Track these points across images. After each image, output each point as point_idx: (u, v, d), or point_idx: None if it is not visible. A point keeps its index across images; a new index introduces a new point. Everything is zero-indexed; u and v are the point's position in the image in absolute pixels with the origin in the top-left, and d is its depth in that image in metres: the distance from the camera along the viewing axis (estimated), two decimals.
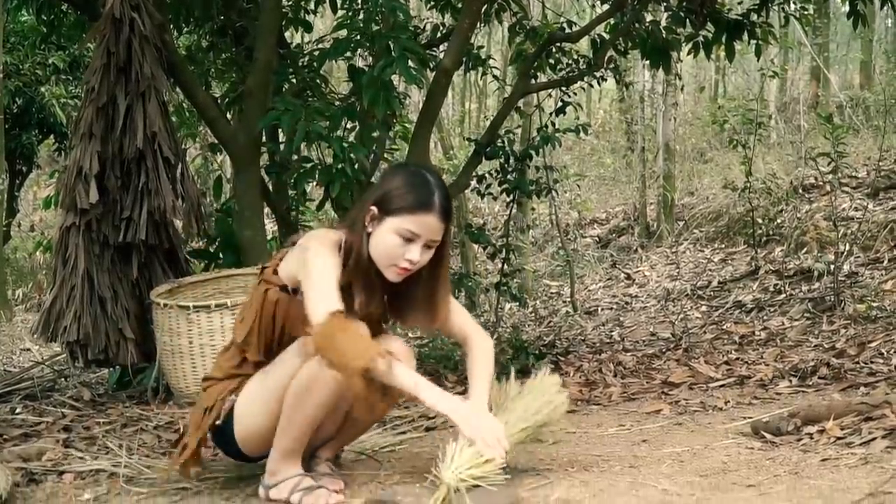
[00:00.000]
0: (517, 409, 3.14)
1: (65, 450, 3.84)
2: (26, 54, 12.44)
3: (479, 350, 3.15)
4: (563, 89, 7.42)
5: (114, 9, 5.32)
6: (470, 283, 7.73)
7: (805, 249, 9.53)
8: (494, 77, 8.14)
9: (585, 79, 7.31)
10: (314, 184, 5.94)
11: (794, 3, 7.35)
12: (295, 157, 5.90)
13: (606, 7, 7.15)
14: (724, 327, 7.41)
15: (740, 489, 2.82)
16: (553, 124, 7.24)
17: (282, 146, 6.26)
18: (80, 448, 3.90)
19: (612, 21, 7.27)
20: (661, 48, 6.99)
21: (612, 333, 8.33)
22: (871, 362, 5.13)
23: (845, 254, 8.53)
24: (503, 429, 2.84)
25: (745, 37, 6.83)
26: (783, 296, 8.23)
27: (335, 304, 2.68)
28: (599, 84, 7.75)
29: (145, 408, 4.91)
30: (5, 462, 3.46)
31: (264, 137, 6.24)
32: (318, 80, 6.59)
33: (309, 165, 5.79)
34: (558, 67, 7.37)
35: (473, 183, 7.11)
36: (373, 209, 2.88)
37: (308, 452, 3.06)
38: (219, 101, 6.56)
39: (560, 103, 7.35)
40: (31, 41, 11.46)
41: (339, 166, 5.43)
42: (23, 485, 3.30)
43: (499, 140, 6.94)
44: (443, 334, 4.65)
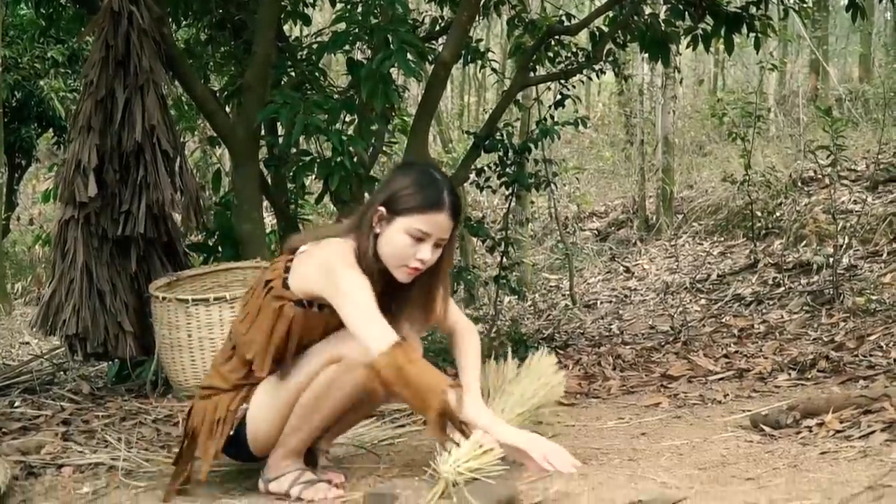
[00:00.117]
0: (515, 392, 3.15)
1: (64, 443, 3.84)
2: (25, 48, 12.42)
3: (468, 342, 3.16)
4: (562, 82, 7.41)
5: (112, 2, 5.31)
6: (469, 277, 7.73)
7: (804, 242, 9.52)
8: (493, 70, 8.12)
9: (584, 72, 7.31)
10: (313, 177, 5.93)
11: None
12: (294, 150, 5.90)
13: (605, 0, 7.14)
14: (723, 320, 7.41)
15: (739, 482, 2.82)
16: (552, 117, 7.24)
17: (280, 139, 6.25)
18: (79, 441, 3.90)
19: (610, 14, 7.25)
20: (659, 41, 6.98)
21: (611, 326, 8.34)
22: (870, 355, 5.13)
23: (844, 247, 8.53)
24: (564, 449, 2.77)
25: (744, 30, 6.82)
26: (782, 289, 8.23)
27: (391, 333, 2.66)
28: (598, 77, 7.73)
29: (144, 401, 4.91)
30: (4, 455, 3.46)
31: (263, 131, 6.24)
32: (316, 74, 6.58)
33: (308, 159, 5.79)
34: (557, 60, 7.36)
35: (472, 176, 7.10)
36: (381, 210, 2.85)
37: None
38: (217, 94, 6.55)
39: (559, 96, 7.34)
40: (30, 35, 11.44)
41: (338, 159, 5.42)
42: (22, 478, 3.30)
43: (498, 133, 6.93)
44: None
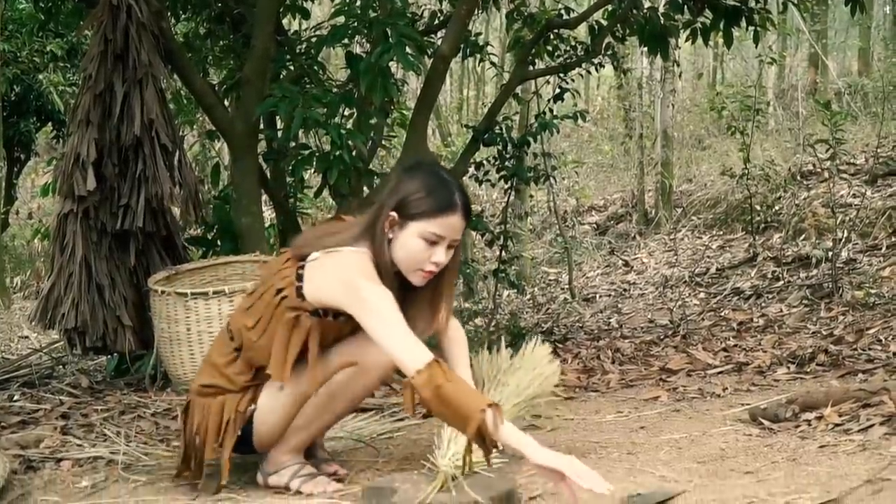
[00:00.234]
0: (510, 383, 3.16)
1: (63, 437, 3.84)
2: (24, 42, 12.39)
3: (455, 339, 3.18)
4: (561, 76, 7.41)
5: None
6: (468, 271, 7.73)
7: (803, 236, 9.54)
8: (492, 64, 8.13)
9: (583, 65, 7.30)
10: (312, 171, 5.92)
11: None
12: (292, 144, 5.89)
13: None
14: (723, 314, 7.41)
15: (738, 476, 2.82)
16: (551, 111, 7.24)
17: (279, 133, 6.25)
18: (78, 435, 3.90)
19: (609, 7, 7.24)
20: (659, 35, 6.97)
21: (610, 320, 8.34)
22: (869, 349, 5.13)
23: (843, 240, 8.53)
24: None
25: (744, 23, 6.80)
26: (781, 283, 8.23)
27: (426, 350, 2.65)
28: (597, 71, 7.74)
29: (143, 395, 4.91)
30: (3, 449, 3.46)
31: (262, 124, 6.22)
32: (315, 67, 6.57)
33: (307, 152, 5.78)
34: (556, 54, 7.35)
35: (471, 170, 7.10)
36: (392, 215, 2.83)
37: None
38: (216, 88, 6.53)
39: (558, 90, 7.35)
40: (29, 29, 11.40)
41: (337, 153, 5.41)
42: (21, 472, 3.30)
43: (497, 127, 6.93)
44: None
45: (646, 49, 7.72)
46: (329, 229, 2.99)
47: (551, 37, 7.29)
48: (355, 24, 5.71)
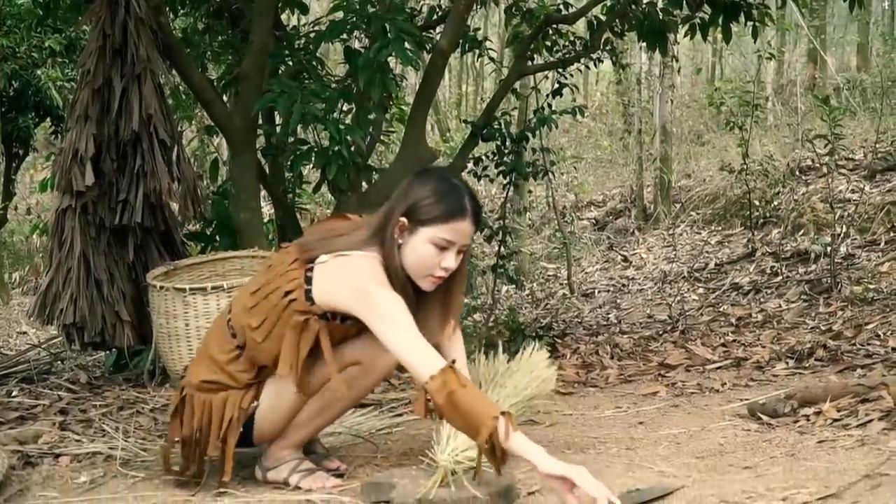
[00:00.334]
0: (508, 384, 3.17)
1: (61, 433, 3.85)
2: (22, 37, 12.36)
3: (453, 339, 3.18)
4: (560, 71, 7.40)
5: None
6: (467, 266, 7.71)
7: (802, 231, 9.53)
8: (491, 59, 8.10)
9: (582, 61, 7.29)
10: (310, 166, 5.92)
11: None
12: (291, 139, 5.88)
13: None
14: (721, 309, 7.41)
15: (737, 471, 2.82)
16: (549, 106, 7.22)
17: (278, 128, 6.23)
18: (77, 431, 3.91)
19: (608, 3, 7.23)
20: (657, 30, 6.96)
21: (609, 316, 8.34)
22: (868, 344, 5.14)
23: (842, 236, 8.53)
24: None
25: (742, 18, 6.80)
26: (780, 278, 8.24)
27: (438, 356, 2.65)
28: (596, 66, 7.73)
29: (142, 390, 4.92)
30: (1, 445, 3.47)
31: (260, 120, 6.22)
32: (314, 63, 6.55)
33: (305, 148, 5.77)
34: (555, 49, 7.34)
35: (470, 165, 7.09)
36: (402, 220, 2.83)
37: None
38: (215, 83, 6.53)
39: (557, 85, 7.33)
40: (28, 24, 11.39)
41: (336, 148, 5.40)
42: (19, 467, 3.30)
43: (495, 122, 6.92)
44: None
45: (644, 44, 7.71)
46: (334, 229, 2.97)
47: (550, 32, 7.28)
48: (354, 19, 5.71)
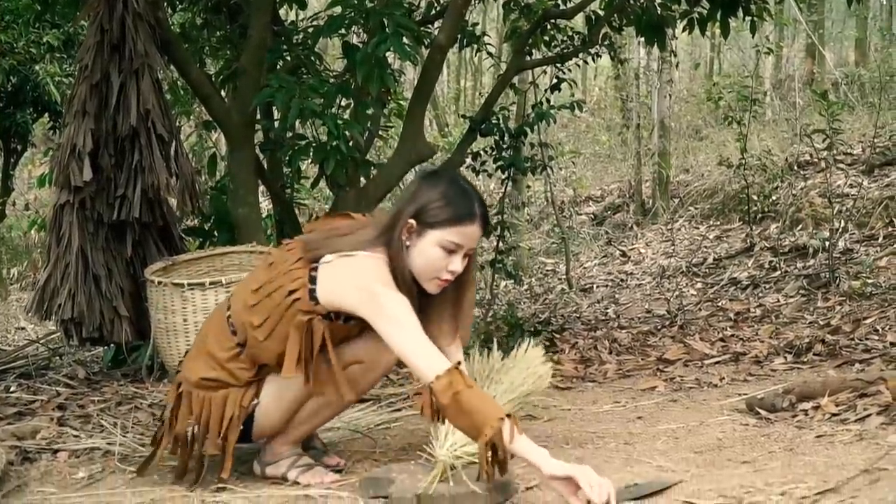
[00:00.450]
0: (504, 381, 3.18)
1: (59, 428, 3.84)
2: (20, 33, 12.34)
3: (451, 347, 3.17)
4: (558, 66, 7.40)
5: None
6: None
7: (800, 226, 9.53)
8: (489, 54, 8.10)
9: (580, 55, 7.28)
10: (309, 161, 5.91)
11: None
12: (289, 134, 5.87)
13: None
14: (720, 304, 7.42)
15: (735, 465, 2.82)
16: (548, 101, 7.22)
17: (276, 124, 6.23)
18: (75, 426, 3.90)
19: None
20: (656, 25, 6.95)
21: (608, 310, 8.34)
22: (866, 339, 5.14)
23: (840, 230, 8.54)
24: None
25: (741, 13, 6.80)
26: (778, 272, 8.24)
27: (443, 357, 2.64)
28: (594, 61, 7.71)
29: (140, 386, 4.91)
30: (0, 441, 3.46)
31: (258, 115, 6.21)
32: (312, 58, 6.54)
33: (303, 143, 5.76)
34: (553, 44, 7.34)
35: (468, 160, 7.09)
36: (411, 222, 2.82)
37: None
38: (213, 78, 6.51)
39: (555, 80, 7.33)
40: (25, 19, 11.36)
41: (334, 143, 5.40)
42: (17, 463, 3.30)
43: (494, 117, 6.91)
44: None
45: (643, 39, 7.71)
46: (338, 228, 2.96)
47: (548, 27, 7.28)
48: (352, 14, 5.69)
